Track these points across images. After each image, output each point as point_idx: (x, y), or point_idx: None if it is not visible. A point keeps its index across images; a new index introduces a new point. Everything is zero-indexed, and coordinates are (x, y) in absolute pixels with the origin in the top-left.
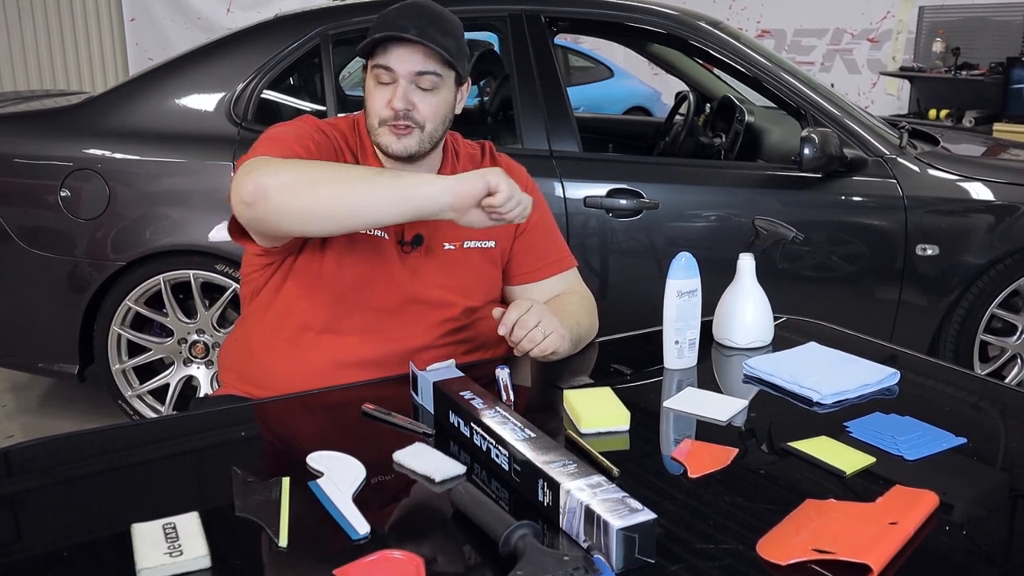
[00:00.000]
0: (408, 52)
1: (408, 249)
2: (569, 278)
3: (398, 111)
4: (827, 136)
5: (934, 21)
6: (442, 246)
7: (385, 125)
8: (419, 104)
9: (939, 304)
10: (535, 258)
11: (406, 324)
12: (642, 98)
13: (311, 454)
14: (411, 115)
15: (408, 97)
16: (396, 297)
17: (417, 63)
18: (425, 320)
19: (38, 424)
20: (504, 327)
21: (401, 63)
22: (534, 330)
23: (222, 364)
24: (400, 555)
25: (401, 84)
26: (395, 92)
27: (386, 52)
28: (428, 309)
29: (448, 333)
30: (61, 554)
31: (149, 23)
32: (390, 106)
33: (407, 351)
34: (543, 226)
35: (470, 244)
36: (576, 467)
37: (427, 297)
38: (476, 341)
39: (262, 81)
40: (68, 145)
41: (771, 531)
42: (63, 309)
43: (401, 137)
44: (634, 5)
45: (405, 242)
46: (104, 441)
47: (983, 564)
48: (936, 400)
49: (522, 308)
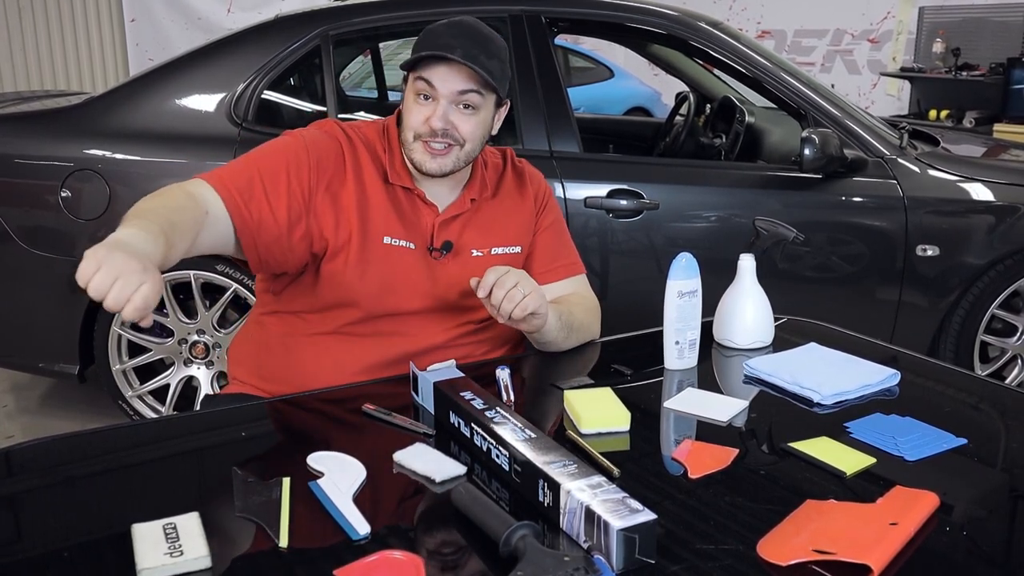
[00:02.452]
0: (452, 73)
1: (437, 256)
2: (577, 283)
3: (436, 130)
4: (827, 137)
5: (934, 22)
6: (470, 252)
7: (419, 140)
8: (458, 124)
9: (939, 305)
10: (547, 260)
11: (429, 324)
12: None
13: (311, 454)
14: (451, 134)
15: (447, 117)
16: (423, 301)
17: (459, 84)
18: (448, 321)
19: (38, 424)
20: (483, 289)
21: (444, 83)
22: (513, 289)
23: (234, 359)
24: (400, 555)
25: (442, 104)
26: (435, 111)
27: (430, 69)
28: (453, 312)
29: (470, 333)
30: (61, 554)
31: (149, 24)
32: (428, 123)
33: (428, 350)
34: (557, 229)
35: (497, 251)
36: (576, 467)
37: (455, 302)
38: (496, 340)
39: (263, 82)
40: (69, 145)
41: (771, 532)
42: (64, 309)
43: (436, 156)
44: (634, 6)
45: (434, 248)
46: (104, 441)
47: (983, 565)
48: (936, 401)
49: (499, 271)
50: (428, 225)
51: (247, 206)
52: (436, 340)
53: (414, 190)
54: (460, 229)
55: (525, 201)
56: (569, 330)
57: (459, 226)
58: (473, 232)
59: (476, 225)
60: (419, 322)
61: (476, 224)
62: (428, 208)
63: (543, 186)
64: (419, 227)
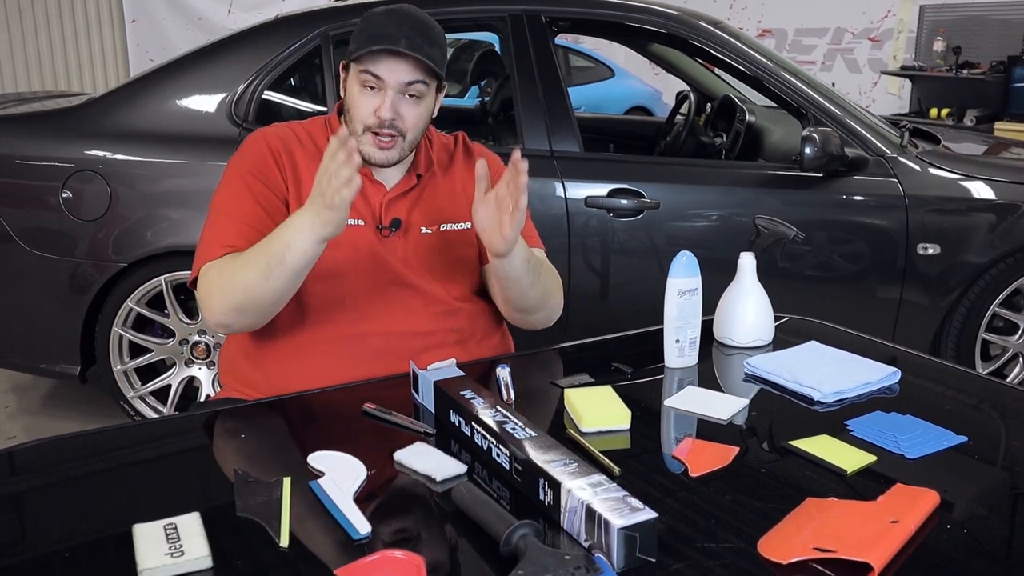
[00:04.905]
0: (398, 64)
1: (387, 233)
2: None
3: (384, 120)
4: (828, 135)
5: (935, 20)
6: (419, 230)
7: (369, 132)
8: (405, 114)
9: (940, 303)
10: None
11: (391, 311)
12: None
13: (312, 454)
14: (395, 124)
15: (396, 107)
16: (380, 281)
17: (406, 75)
18: (410, 306)
19: (40, 425)
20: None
21: (392, 74)
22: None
23: (221, 368)
24: (401, 555)
25: (389, 94)
26: (383, 101)
27: (375, 61)
28: (412, 294)
29: (434, 319)
30: (63, 554)
31: (150, 24)
32: (377, 114)
33: (396, 339)
34: None
35: (446, 227)
36: (577, 466)
37: (409, 280)
38: (465, 331)
39: (263, 82)
40: (69, 146)
41: (772, 530)
42: (65, 310)
43: (384, 149)
44: (634, 5)
45: (383, 226)
46: (105, 442)
47: (984, 562)
48: (937, 399)
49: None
50: (376, 204)
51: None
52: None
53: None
54: (409, 207)
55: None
56: (536, 275)
57: (407, 204)
58: (421, 210)
59: (425, 202)
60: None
61: (424, 201)
62: (375, 187)
63: (496, 164)
64: (368, 205)
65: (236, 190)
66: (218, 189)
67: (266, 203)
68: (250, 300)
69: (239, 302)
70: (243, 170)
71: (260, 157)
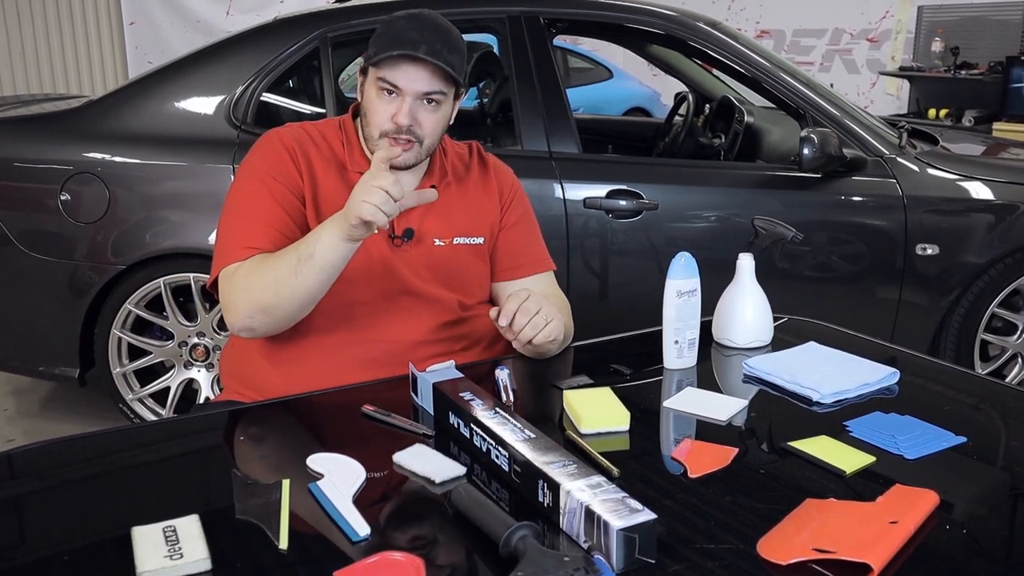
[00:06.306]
0: (418, 71)
1: (399, 242)
2: (546, 280)
3: (402, 126)
4: (826, 136)
5: (933, 20)
6: (432, 242)
7: (386, 137)
8: (423, 120)
9: (939, 303)
10: (515, 256)
11: (400, 319)
12: (641, 99)
13: (311, 456)
14: (413, 130)
15: (413, 114)
16: (389, 289)
17: (425, 82)
18: (419, 315)
19: (39, 428)
20: (505, 317)
21: (410, 81)
22: (536, 316)
23: (223, 369)
24: (400, 556)
25: (407, 101)
26: (401, 108)
27: (395, 67)
28: (421, 303)
29: (442, 328)
30: (62, 557)
31: (148, 26)
32: (394, 120)
33: (402, 347)
34: (525, 224)
35: (459, 240)
36: (576, 467)
37: (420, 290)
38: (471, 337)
39: (261, 84)
40: (68, 149)
41: (772, 530)
42: (64, 313)
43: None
44: (633, 6)
45: (396, 236)
46: (105, 444)
47: (983, 562)
48: (936, 399)
49: (521, 297)
50: None
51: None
52: (411, 335)
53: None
54: (421, 216)
55: (489, 193)
56: (565, 342)
57: (420, 213)
58: (434, 219)
59: (437, 212)
60: (389, 316)
61: (437, 211)
62: None
63: (510, 180)
64: None
65: (254, 191)
66: (233, 190)
67: (286, 203)
68: (278, 300)
69: (267, 303)
70: (260, 170)
71: (277, 157)
